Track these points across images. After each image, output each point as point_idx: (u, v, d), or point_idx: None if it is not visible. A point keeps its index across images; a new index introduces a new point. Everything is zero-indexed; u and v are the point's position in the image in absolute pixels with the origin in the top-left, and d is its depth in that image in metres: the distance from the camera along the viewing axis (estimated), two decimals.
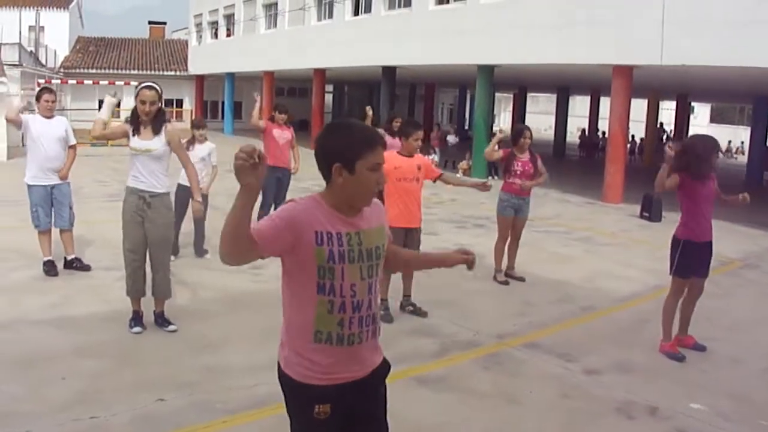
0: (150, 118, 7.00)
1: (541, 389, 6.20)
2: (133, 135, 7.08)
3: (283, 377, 3.29)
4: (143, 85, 7.01)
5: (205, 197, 9.58)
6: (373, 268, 3.22)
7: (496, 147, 10.04)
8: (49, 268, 9.30)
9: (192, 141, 10.46)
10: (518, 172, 9.87)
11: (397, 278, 8.25)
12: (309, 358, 3.16)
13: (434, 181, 8.35)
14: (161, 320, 7.32)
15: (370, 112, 12.93)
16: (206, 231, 10.62)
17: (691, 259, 7.09)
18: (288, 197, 6.82)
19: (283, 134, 12.42)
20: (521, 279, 10.04)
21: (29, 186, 9.37)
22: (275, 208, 8.15)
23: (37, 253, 9.64)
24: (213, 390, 5.77)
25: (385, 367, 3.49)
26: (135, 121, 7.12)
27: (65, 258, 9.63)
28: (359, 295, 3.19)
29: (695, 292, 7.37)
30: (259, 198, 8.28)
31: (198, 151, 10.40)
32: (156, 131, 7.06)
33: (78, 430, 5.02)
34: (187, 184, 7.93)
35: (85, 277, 9.38)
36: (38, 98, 9.43)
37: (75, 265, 9.61)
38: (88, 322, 7.48)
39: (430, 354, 6.98)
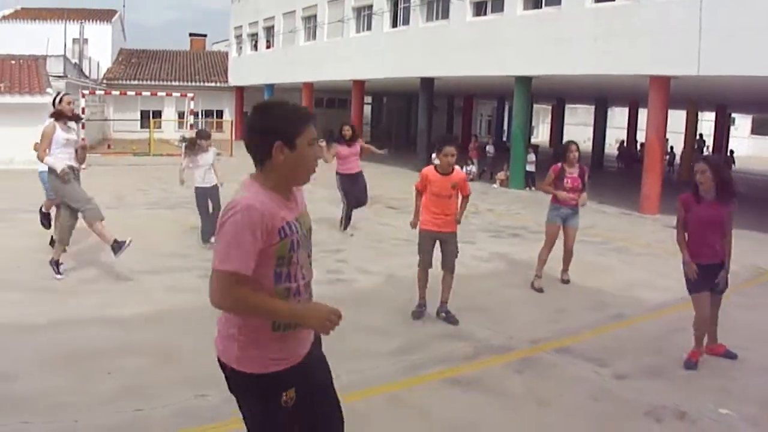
0: None
1: (572, 392, 6.33)
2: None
3: (238, 376, 3.26)
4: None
5: (219, 186, 12.07)
6: (310, 249, 3.40)
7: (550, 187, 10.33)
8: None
9: (197, 150, 11.99)
10: (568, 187, 10.16)
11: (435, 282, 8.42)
12: (269, 348, 3.20)
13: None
14: None
15: (348, 132, 14.14)
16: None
17: (697, 279, 7.10)
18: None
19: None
20: (566, 281, 10.54)
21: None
22: None
23: (82, 256, 10.00)
24: None
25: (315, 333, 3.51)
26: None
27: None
28: (306, 276, 3.35)
29: (713, 306, 7.41)
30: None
31: (206, 158, 11.97)
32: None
33: (122, 421, 5.26)
34: (204, 185, 11.88)
35: (127, 279, 9.66)
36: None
37: None
38: (132, 322, 7.78)
39: (463, 357, 7.14)
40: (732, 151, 40.53)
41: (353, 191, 14.07)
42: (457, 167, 8.38)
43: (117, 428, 5.23)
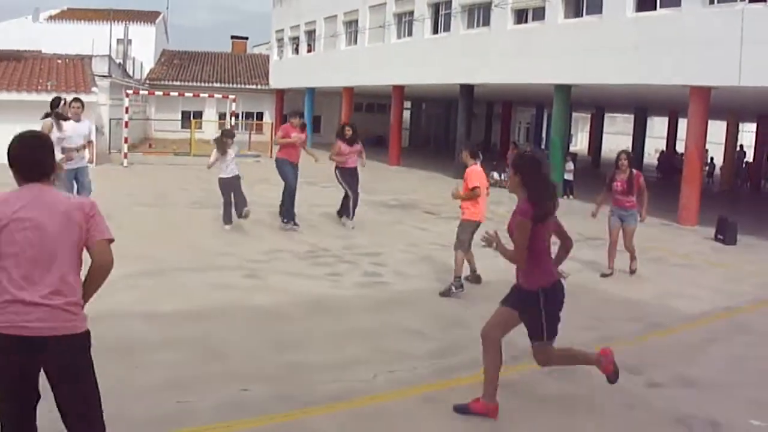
0: None
1: (605, 399, 6.43)
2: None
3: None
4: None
5: (238, 176, 13.98)
6: None
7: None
8: None
9: (224, 147, 13.89)
10: (618, 190, 11.62)
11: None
12: None
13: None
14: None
15: (349, 132, 15.34)
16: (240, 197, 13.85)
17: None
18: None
19: (299, 136, 14.82)
20: (633, 271, 12.03)
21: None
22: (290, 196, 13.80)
23: (125, 251, 10.25)
24: (293, 384, 6.18)
25: None
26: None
27: None
28: None
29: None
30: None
31: (230, 153, 13.89)
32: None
33: (166, 411, 5.47)
34: (227, 176, 13.74)
35: (171, 276, 9.91)
36: (69, 104, 12.12)
37: None
38: (175, 318, 8.02)
39: None
40: None
41: (353, 184, 15.20)
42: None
43: (161, 418, 5.43)
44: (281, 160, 14.54)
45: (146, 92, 34.55)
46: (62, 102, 12.23)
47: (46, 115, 12.13)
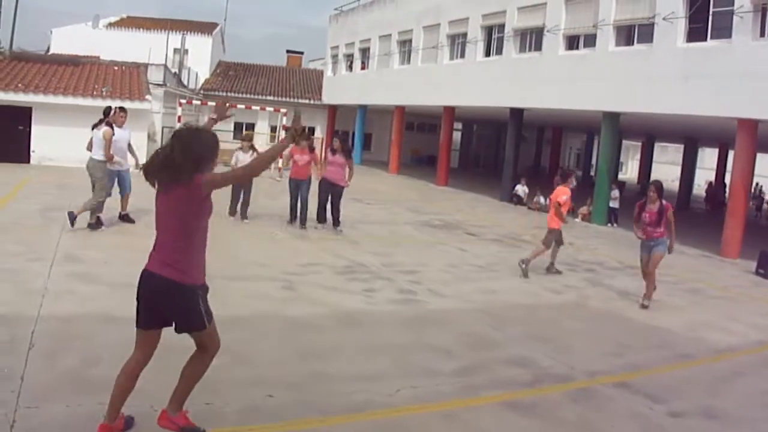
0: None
1: (624, 426, 6.50)
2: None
3: None
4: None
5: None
6: None
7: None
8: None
9: (243, 150, 16.42)
10: (646, 221, 11.64)
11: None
12: None
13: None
14: None
15: (335, 144, 16.50)
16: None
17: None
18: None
19: (302, 157, 16.06)
20: (644, 307, 11.50)
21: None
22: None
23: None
24: (316, 392, 6.36)
25: None
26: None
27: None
28: None
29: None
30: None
31: (245, 157, 15.71)
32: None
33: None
34: None
35: (209, 284, 10.13)
36: (114, 113, 14.03)
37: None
38: None
39: (523, 383, 7.37)
40: None
41: (322, 195, 16.38)
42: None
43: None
44: (289, 179, 16.43)
45: (199, 102, 35.07)
46: (113, 111, 14.03)
47: (99, 122, 13.59)
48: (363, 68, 43.62)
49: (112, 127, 13.50)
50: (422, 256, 14.14)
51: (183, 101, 30.34)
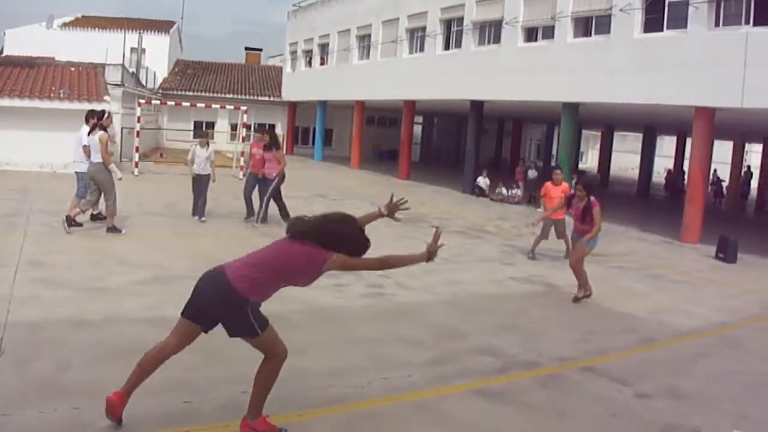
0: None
1: (593, 409, 6.64)
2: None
3: None
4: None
5: (210, 176, 16.06)
6: None
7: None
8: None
9: (200, 145, 16.37)
10: (573, 216, 11.89)
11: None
12: None
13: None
14: None
15: (266, 137, 16.53)
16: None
17: None
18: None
19: (259, 151, 16.38)
20: (575, 300, 11.09)
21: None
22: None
23: (134, 259, 10.68)
24: (292, 387, 6.41)
25: None
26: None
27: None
28: None
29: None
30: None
31: (202, 153, 16.09)
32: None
33: (172, 410, 5.73)
34: (199, 173, 15.98)
35: (179, 284, 10.15)
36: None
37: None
38: None
39: (492, 370, 7.49)
40: None
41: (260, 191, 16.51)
42: None
43: (166, 417, 5.68)
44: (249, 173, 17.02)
45: (159, 102, 34.80)
46: (106, 115, 14.55)
47: (93, 126, 13.81)
48: (322, 64, 43.59)
49: (106, 131, 13.78)
50: (389, 250, 14.12)
51: (142, 101, 30.05)
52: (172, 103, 34.20)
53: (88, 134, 13.78)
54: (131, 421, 5.44)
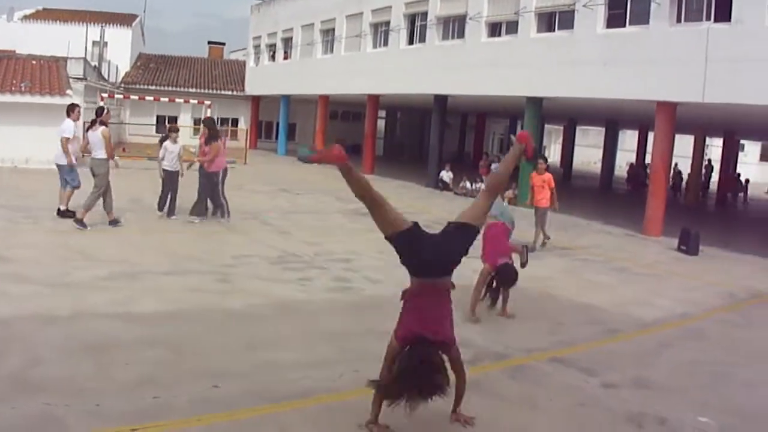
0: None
1: (561, 398, 6.75)
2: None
3: None
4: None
5: (178, 173, 15.84)
6: None
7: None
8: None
9: (171, 140, 16.02)
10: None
11: None
12: None
13: None
14: None
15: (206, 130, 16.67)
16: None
17: None
18: None
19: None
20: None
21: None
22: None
23: (100, 255, 10.65)
24: (263, 381, 6.45)
25: None
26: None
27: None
28: None
29: None
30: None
31: (173, 148, 15.84)
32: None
33: (142, 406, 5.72)
34: (169, 169, 15.68)
35: (145, 279, 10.14)
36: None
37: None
38: (149, 318, 8.28)
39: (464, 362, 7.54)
40: (748, 180, 41.17)
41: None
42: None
43: (137, 413, 5.64)
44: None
45: (121, 96, 34.49)
46: (105, 111, 15.31)
47: (93, 122, 14.48)
48: (286, 58, 43.48)
49: (106, 126, 14.44)
50: (354, 244, 14.25)
51: (105, 95, 29.81)
52: (135, 97, 33.92)
53: (87, 130, 14.55)
54: (104, 418, 5.43)
